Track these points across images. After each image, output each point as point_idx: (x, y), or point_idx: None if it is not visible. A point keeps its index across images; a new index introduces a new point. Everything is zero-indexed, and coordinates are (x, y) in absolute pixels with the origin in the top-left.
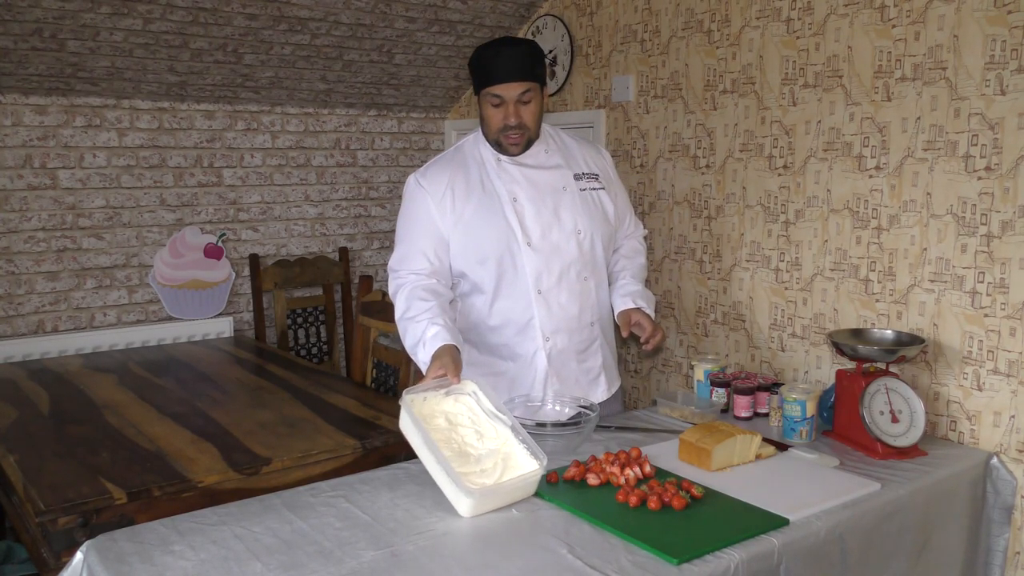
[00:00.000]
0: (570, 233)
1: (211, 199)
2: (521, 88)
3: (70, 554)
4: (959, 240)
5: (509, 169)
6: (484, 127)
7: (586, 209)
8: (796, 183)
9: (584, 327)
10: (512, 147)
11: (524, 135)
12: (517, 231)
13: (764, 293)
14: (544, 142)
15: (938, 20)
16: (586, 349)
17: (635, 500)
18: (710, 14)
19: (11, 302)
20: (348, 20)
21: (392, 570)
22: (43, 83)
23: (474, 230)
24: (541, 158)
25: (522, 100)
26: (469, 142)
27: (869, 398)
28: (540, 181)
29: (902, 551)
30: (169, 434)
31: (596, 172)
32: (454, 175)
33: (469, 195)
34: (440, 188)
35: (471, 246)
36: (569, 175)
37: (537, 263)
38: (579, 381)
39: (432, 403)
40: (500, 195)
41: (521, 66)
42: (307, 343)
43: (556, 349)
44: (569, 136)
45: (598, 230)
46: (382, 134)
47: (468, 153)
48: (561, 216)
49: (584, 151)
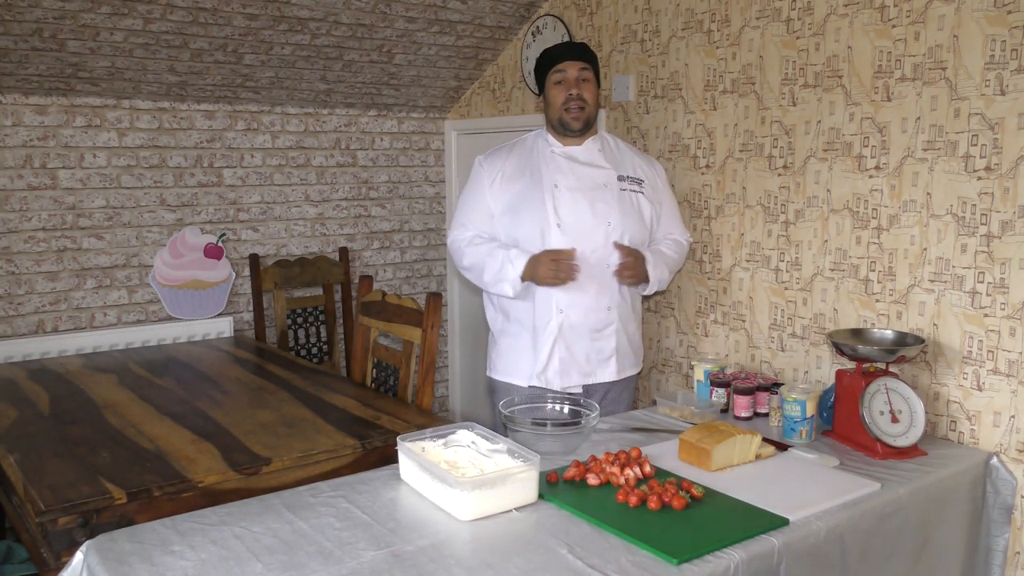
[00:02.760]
0: (601, 224)
1: (211, 199)
2: (580, 65)
3: (70, 554)
4: (959, 240)
5: (558, 160)
6: (549, 110)
7: (621, 206)
8: (796, 183)
9: (600, 309)
10: (574, 121)
11: (584, 110)
12: (551, 213)
13: (764, 293)
14: (599, 142)
15: (938, 20)
16: (601, 330)
17: (635, 500)
18: (710, 14)
19: (11, 302)
20: (348, 20)
21: (392, 570)
22: (43, 83)
23: (516, 207)
24: (592, 156)
25: (582, 77)
26: (532, 135)
27: (869, 398)
28: (584, 174)
29: (902, 551)
30: (169, 434)
31: (642, 178)
32: (509, 160)
33: (518, 178)
34: (495, 170)
35: (513, 222)
36: (613, 175)
37: (563, 243)
38: (589, 358)
39: (431, 454)
40: (544, 181)
41: (580, 50)
42: (307, 343)
43: (569, 322)
44: (626, 145)
45: (629, 227)
46: (382, 134)
47: (528, 144)
48: (595, 207)
49: (636, 159)
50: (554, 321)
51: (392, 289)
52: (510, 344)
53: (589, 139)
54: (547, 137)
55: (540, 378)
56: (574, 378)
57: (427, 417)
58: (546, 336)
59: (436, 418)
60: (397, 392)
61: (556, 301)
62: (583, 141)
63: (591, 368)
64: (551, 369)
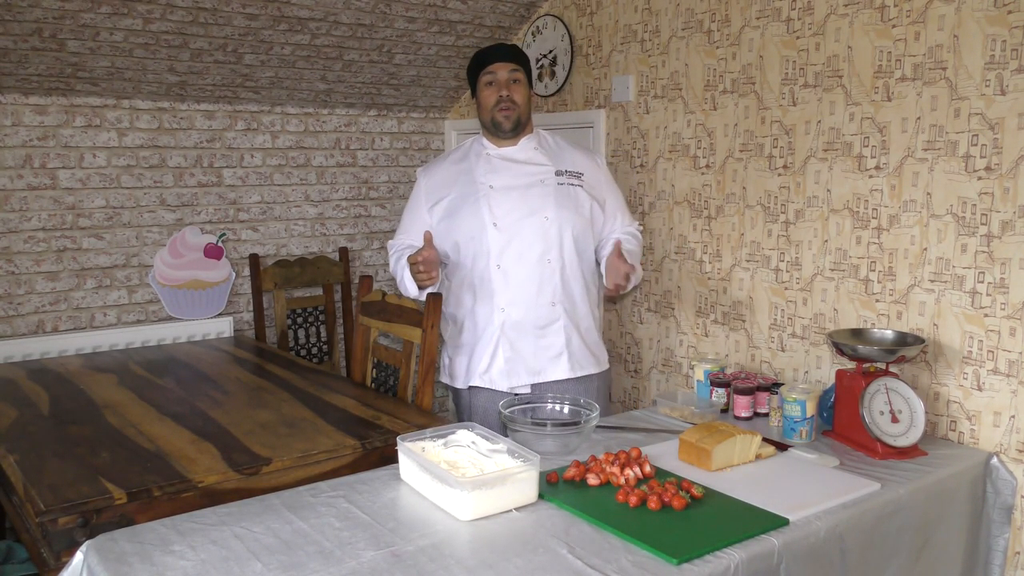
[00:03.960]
0: (537, 219)
1: (211, 199)
2: (510, 67)
3: (70, 554)
4: (959, 240)
5: (493, 162)
6: (481, 112)
7: (558, 200)
8: (796, 183)
9: (543, 305)
10: (504, 120)
11: (515, 110)
12: (485, 214)
13: (764, 293)
14: (535, 140)
15: (938, 20)
16: (546, 327)
17: (635, 500)
18: (710, 14)
19: (11, 302)
20: (348, 20)
21: (392, 570)
22: (43, 83)
23: (453, 212)
24: (528, 154)
25: (512, 79)
26: (469, 141)
27: (869, 398)
28: (519, 171)
29: (902, 551)
30: (169, 434)
31: (580, 172)
32: (447, 169)
33: (453, 185)
34: (431, 180)
35: (451, 226)
36: (551, 171)
37: (500, 241)
38: (536, 356)
39: (431, 454)
40: (478, 184)
41: (510, 51)
42: (307, 343)
43: (511, 320)
44: (566, 141)
45: (568, 219)
46: (382, 134)
47: (467, 150)
48: (531, 203)
49: (574, 154)
50: (496, 319)
51: (392, 289)
52: (456, 346)
53: (524, 138)
54: (483, 141)
55: (483, 378)
56: (523, 377)
57: (427, 417)
58: (488, 335)
59: (436, 418)
60: (397, 392)
61: (496, 299)
62: (518, 141)
63: (539, 366)
64: (495, 368)
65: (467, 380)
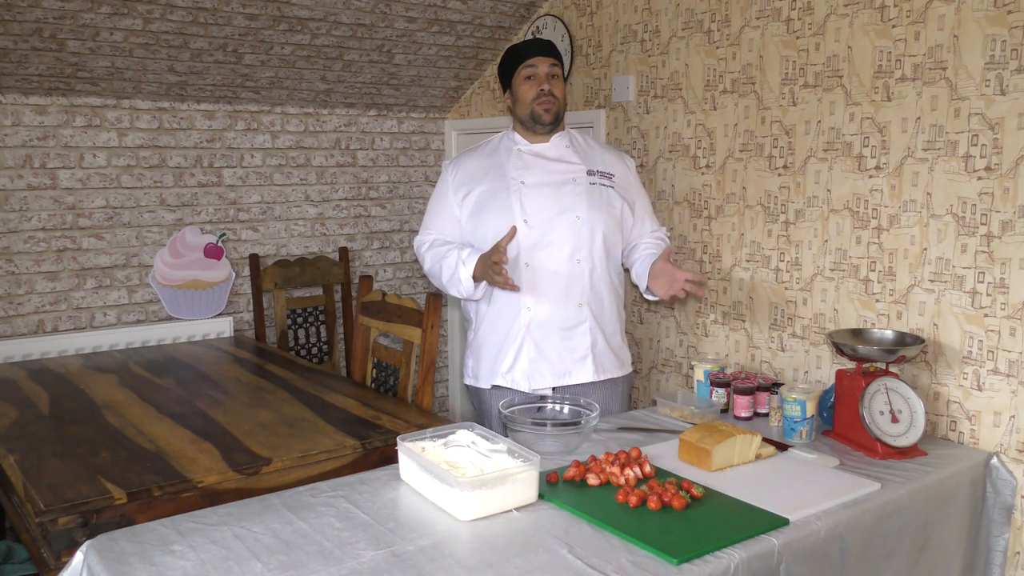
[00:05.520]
0: (568, 217)
1: (211, 199)
2: (550, 61)
3: (70, 554)
4: (959, 240)
5: (524, 158)
6: (518, 106)
7: (590, 200)
8: (796, 183)
9: (570, 305)
10: (545, 113)
11: (555, 103)
12: (517, 210)
13: (764, 293)
14: (566, 138)
15: (938, 20)
16: (572, 328)
17: (635, 500)
18: (710, 14)
19: (11, 302)
20: (348, 20)
21: (392, 570)
22: (43, 83)
23: (483, 208)
24: (561, 151)
25: (551, 73)
26: (498, 136)
27: (869, 398)
28: (552, 169)
29: (902, 551)
30: (169, 434)
31: (612, 173)
32: (475, 162)
33: (484, 179)
34: (460, 173)
35: (480, 222)
36: (582, 170)
37: (530, 238)
38: (562, 358)
39: (431, 454)
40: (510, 179)
41: (548, 47)
42: (307, 343)
43: (537, 319)
44: (596, 142)
45: (599, 220)
46: (382, 134)
47: (496, 144)
48: (563, 201)
49: (606, 155)
50: (521, 319)
51: (392, 289)
52: (479, 345)
53: (556, 135)
54: (514, 136)
55: (506, 378)
56: (547, 379)
57: (427, 417)
58: (513, 334)
59: (436, 418)
60: (397, 392)
61: (523, 298)
62: (550, 138)
63: (565, 367)
64: (518, 369)
65: (490, 379)
